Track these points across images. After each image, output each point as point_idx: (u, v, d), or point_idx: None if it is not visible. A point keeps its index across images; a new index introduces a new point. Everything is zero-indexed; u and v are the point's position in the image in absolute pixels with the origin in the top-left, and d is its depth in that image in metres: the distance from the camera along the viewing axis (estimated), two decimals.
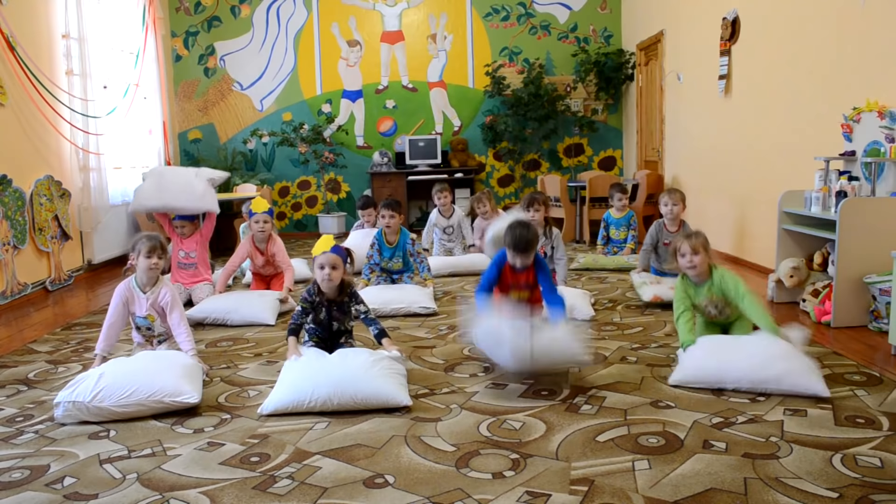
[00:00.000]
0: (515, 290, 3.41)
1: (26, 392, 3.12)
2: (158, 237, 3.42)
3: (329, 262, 3.17)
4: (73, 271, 6.02)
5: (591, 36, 8.97)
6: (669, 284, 4.36)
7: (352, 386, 2.73)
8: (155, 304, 3.39)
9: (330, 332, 3.32)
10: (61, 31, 6.00)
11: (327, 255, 3.17)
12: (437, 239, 6.16)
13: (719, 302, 3.25)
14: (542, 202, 4.62)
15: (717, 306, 3.27)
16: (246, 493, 2.12)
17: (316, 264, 3.21)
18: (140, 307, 3.39)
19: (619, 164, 9.20)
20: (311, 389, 2.73)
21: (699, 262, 3.19)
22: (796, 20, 4.98)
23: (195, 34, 8.82)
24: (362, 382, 2.75)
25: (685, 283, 3.30)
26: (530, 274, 3.38)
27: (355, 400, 2.72)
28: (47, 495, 2.14)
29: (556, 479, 2.14)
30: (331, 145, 8.88)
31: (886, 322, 3.61)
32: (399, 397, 2.75)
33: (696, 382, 2.88)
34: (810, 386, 2.75)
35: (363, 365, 2.84)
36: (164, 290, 3.40)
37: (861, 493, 2.00)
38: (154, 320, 3.44)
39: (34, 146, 5.59)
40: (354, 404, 2.73)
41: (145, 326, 3.45)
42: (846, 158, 4.25)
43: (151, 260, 3.34)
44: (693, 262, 3.20)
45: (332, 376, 2.78)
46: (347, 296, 3.28)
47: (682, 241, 3.25)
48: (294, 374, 2.87)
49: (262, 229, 4.81)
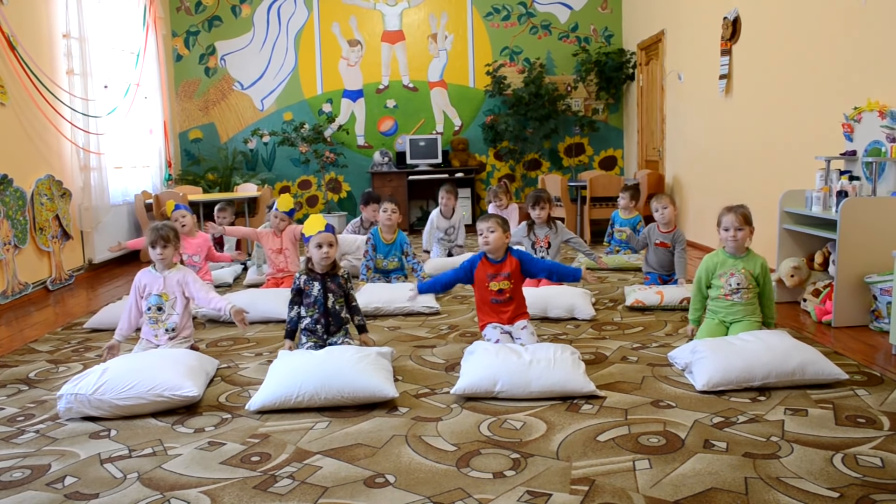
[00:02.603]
0: (496, 280, 3.43)
1: (27, 391, 3.13)
2: (164, 227, 3.48)
3: (326, 241, 3.37)
4: (74, 271, 6.03)
5: (592, 35, 8.97)
6: (657, 290, 4.40)
7: (338, 380, 2.76)
8: (174, 282, 3.46)
9: (326, 316, 3.37)
10: (62, 30, 6.00)
11: (322, 234, 3.37)
12: (438, 240, 6.15)
13: (746, 279, 3.33)
14: (546, 200, 4.89)
15: (741, 283, 3.33)
16: (246, 493, 2.12)
17: (312, 244, 3.38)
18: (157, 286, 3.45)
19: (620, 164, 9.20)
20: (299, 385, 2.76)
21: (742, 236, 3.32)
22: (797, 20, 4.98)
23: (196, 34, 8.82)
24: (349, 377, 2.78)
25: (719, 253, 3.42)
26: (510, 261, 3.44)
27: (342, 394, 2.74)
28: (48, 495, 2.14)
29: (557, 479, 2.14)
30: (331, 145, 8.88)
31: (887, 322, 3.60)
32: (385, 390, 2.77)
33: (726, 384, 2.83)
34: (832, 372, 2.86)
35: (349, 360, 2.88)
36: (182, 272, 3.51)
37: (862, 493, 2.00)
38: (167, 299, 3.44)
39: (35, 146, 5.59)
40: (342, 399, 2.75)
41: (156, 306, 3.43)
42: (847, 158, 4.25)
43: (156, 251, 3.43)
44: (737, 237, 3.32)
45: (318, 372, 2.80)
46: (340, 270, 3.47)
47: (727, 214, 3.35)
48: (281, 370, 2.90)
49: (278, 225, 5.03)
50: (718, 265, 3.40)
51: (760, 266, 3.35)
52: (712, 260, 3.43)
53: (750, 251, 3.40)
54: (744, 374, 2.83)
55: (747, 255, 3.38)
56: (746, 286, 3.34)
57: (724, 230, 3.36)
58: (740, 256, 3.37)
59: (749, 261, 3.37)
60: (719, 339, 3.15)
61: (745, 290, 3.34)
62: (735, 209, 3.35)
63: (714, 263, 3.42)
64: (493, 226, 3.39)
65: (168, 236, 3.45)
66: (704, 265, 3.44)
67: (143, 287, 3.46)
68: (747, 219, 3.34)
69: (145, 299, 3.44)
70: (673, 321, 4.02)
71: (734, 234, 3.32)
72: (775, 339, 3.02)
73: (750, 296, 3.36)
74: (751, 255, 3.39)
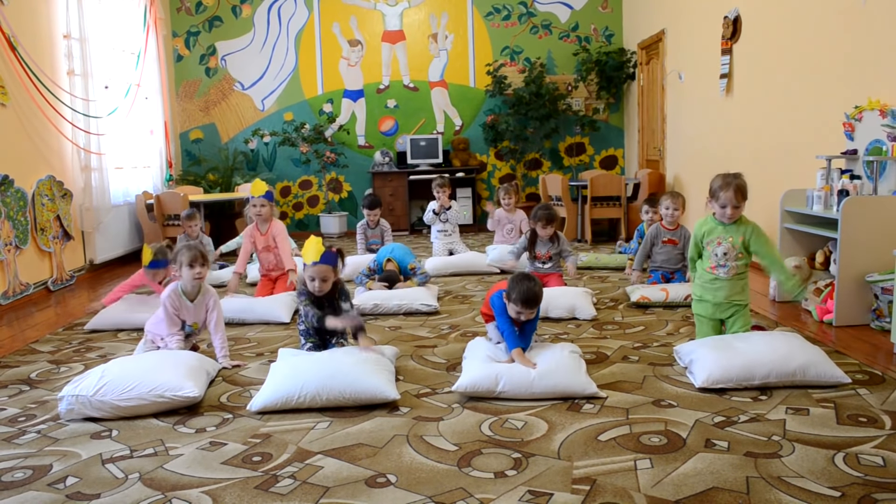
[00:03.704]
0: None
1: (28, 392, 3.13)
2: (198, 246, 3.42)
3: (319, 275, 3.19)
4: (75, 271, 6.03)
5: (593, 35, 8.97)
6: (661, 287, 4.39)
7: (340, 381, 2.76)
8: (201, 308, 3.43)
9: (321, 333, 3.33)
10: (63, 31, 6.00)
11: (317, 267, 3.17)
12: (435, 231, 6.18)
13: (734, 248, 3.19)
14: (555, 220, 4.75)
15: (728, 253, 3.20)
16: (248, 493, 2.12)
17: (306, 275, 3.23)
18: (188, 313, 3.41)
19: (621, 164, 9.20)
20: (300, 386, 2.76)
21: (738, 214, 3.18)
22: (798, 19, 4.98)
23: (196, 34, 8.82)
24: (350, 378, 2.78)
25: (708, 219, 3.28)
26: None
27: (343, 395, 2.74)
28: (50, 495, 2.15)
29: (558, 479, 2.14)
30: (332, 145, 8.88)
31: (888, 321, 3.60)
32: (386, 392, 2.77)
33: (725, 382, 2.82)
34: (834, 374, 2.84)
35: (351, 361, 2.88)
36: (210, 295, 3.45)
37: (863, 492, 2.00)
38: (198, 327, 3.46)
39: (36, 146, 5.59)
40: (343, 400, 2.75)
41: (186, 333, 3.44)
42: (848, 157, 4.24)
43: (195, 270, 3.33)
44: (734, 216, 3.18)
45: (320, 372, 2.81)
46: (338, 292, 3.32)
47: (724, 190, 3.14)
48: (282, 370, 2.91)
49: (258, 213, 4.79)
50: (706, 233, 3.26)
51: (751, 231, 3.16)
52: (701, 228, 3.28)
53: (742, 218, 3.23)
54: (744, 373, 2.83)
55: (737, 222, 3.21)
56: (734, 257, 3.20)
57: (721, 207, 3.18)
58: (730, 224, 3.21)
59: (738, 229, 3.20)
60: (720, 338, 3.15)
61: (731, 261, 3.20)
62: (731, 183, 3.13)
63: (702, 232, 3.28)
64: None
65: (206, 256, 3.40)
66: (695, 234, 3.31)
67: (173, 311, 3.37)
68: (745, 194, 3.17)
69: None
70: (674, 320, 4.02)
71: (731, 212, 3.16)
72: (779, 338, 3.01)
73: (735, 271, 3.21)
74: (741, 221, 3.21)
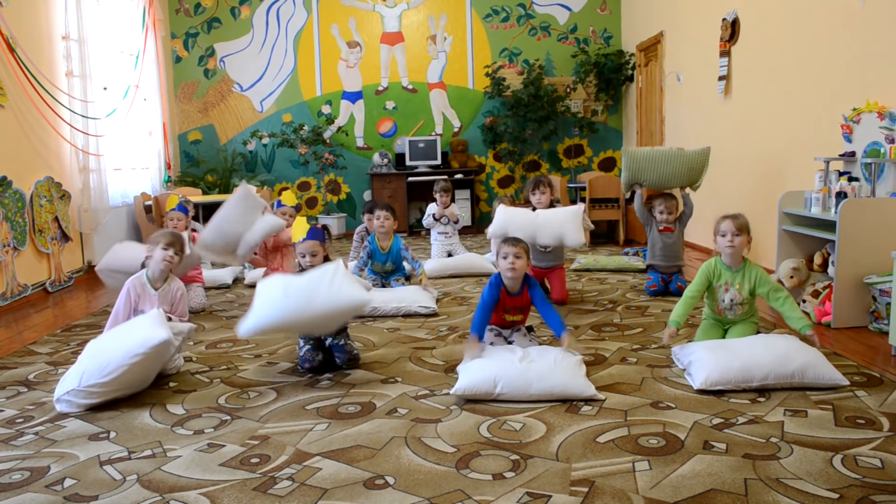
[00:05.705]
0: (511, 313, 3.43)
1: (26, 393, 3.12)
2: (181, 236, 3.50)
3: (308, 251, 3.39)
4: (73, 273, 6.02)
5: (591, 37, 8.98)
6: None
7: (318, 302, 2.98)
8: (166, 298, 3.42)
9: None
10: (61, 32, 6.00)
11: (306, 243, 3.39)
12: (435, 233, 6.18)
13: (740, 295, 3.27)
14: (547, 184, 4.77)
15: (734, 299, 3.28)
16: (246, 495, 2.12)
17: (297, 252, 3.42)
18: (150, 303, 3.38)
19: (619, 165, 9.19)
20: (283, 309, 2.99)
21: (739, 243, 3.24)
22: (796, 21, 4.99)
23: (195, 35, 8.82)
24: (327, 297, 3.00)
25: (716, 263, 3.33)
26: (525, 296, 3.36)
27: (324, 313, 3.00)
28: (47, 497, 2.14)
29: (557, 480, 2.14)
30: (331, 146, 8.88)
31: (887, 323, 3.60)
32: (359, 298, 3.06)
33: (724, 384, 2.82)
34: (833, 377, 2.85)
35: (325, 280, 3.07)
36: (177, 284, 3.48)
37: (861, 494, 2.00)
38: None
39: (34, 147, 5.59)
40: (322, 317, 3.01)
41: None
42: (846, 159, 4.25)
43: (168, 252, 3.39)
44: (734, 243, 3.24)
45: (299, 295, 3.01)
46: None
47: (724, 220, 3.28)
48: (265, 293, 3.10)
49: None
50: (715, 277, 3.32)
51: (756, 278, 3.26)
52: (709, 269, 3.33)
53: (746, 262, 3.31)
54: (742, 375, 2.83)
55: (743, 268, 3.29)
56: (740, 302, 3.30)
57: (721, 236, 3.28)
58: (736, 270, 3.29)
59: (744, 275, 3.27)
60: (719, 341, 3.16)
61: (738, 305, 3.30)
62: (732, 216, 3.29)
63: (711, 273, 3.32)
64: (520, 251, 3.24)
65: (184, 245, 3.45)
66: (704, 273, 3.32)
67: (134, 299, 3.38)
68: (744, 226, 3.27)
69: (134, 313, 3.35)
70: None
71: (731, 239, 3.23)
72: (778, 340, 3.01)
73: (742, 311, 3.32)
74: (747, 267, 3.29)
